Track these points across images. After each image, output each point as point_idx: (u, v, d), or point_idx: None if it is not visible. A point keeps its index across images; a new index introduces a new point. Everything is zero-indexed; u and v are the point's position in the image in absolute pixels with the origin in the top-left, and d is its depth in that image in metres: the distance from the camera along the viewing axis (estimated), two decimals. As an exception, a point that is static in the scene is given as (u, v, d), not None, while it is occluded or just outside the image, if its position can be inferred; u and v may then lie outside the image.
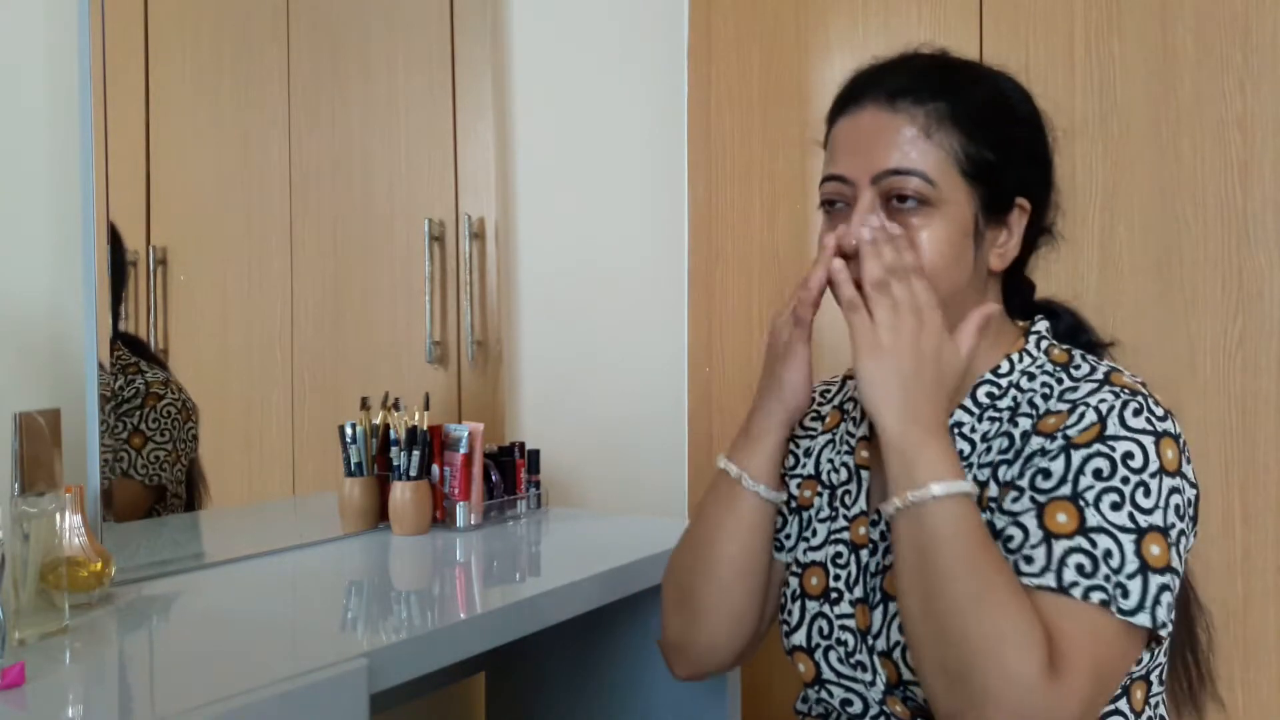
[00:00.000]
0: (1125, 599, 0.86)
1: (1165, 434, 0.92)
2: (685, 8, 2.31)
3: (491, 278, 1.90)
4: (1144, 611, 0.87)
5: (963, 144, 0.98)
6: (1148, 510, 0.89)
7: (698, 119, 2.31)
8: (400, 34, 1.81)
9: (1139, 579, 0.87)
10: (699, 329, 2.32)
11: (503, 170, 1.94)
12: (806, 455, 1.14)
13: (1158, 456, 0.90)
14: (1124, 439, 0.91)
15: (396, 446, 1.56)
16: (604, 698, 1.61)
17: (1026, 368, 1.01)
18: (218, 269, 1.52)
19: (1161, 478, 0.90)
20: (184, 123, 1.47)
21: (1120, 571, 0.87)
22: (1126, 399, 0.93)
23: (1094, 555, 0.87)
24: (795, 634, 1.05)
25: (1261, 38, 1.76)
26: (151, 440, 1.38)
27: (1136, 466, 0.90)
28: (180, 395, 1.42)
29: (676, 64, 2.31)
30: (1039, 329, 1.04)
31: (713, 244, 2.31)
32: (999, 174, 0.99)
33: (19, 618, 1.03)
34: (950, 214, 0.97)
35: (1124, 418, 0.92)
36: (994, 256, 1.02)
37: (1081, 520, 0.88)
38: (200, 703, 0.85)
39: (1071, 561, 0.87)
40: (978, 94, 1.01)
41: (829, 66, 2.16)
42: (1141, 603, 0.87)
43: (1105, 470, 0.90)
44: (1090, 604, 0.86)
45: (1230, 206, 1.77)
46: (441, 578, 1.42)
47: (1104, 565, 0.87)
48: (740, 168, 2.28)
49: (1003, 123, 1.01)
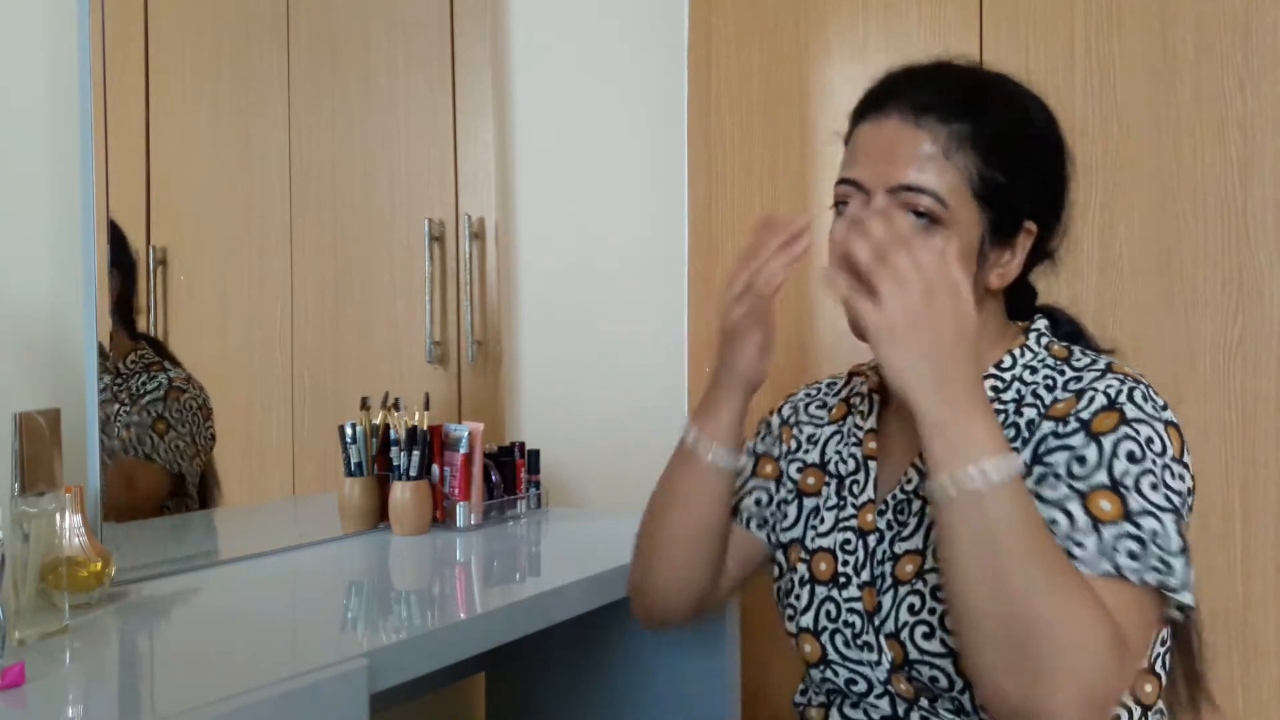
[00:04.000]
0: (1174, 577, 0.90)
1: (1170, 422, 0.96)
2: (685, 8, 2.31)
3: (491, 278, 1.90)
4: (1187, 590, 0.91)
5: (979, 167, 0.98)
6: (1179, 492, 0.93)
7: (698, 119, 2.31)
8: (400, 34, 1.81)
9: (1182, 558, 0.91)
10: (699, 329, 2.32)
11: (503, 170, 1.94)
12: (811, 442, 1.17)
13: (1172, 442, 0.95)
14: (1144, 423, 0.94)
15: (396, 446, 1.56)
16: (604, 698, 1.61)
17: (1029, 362, 1.03)
18: (218, 269, 1.52)
19: (1178, 464, 0.94)
20: (184, 123, 1.47)
21: (1168, 550, 0.90)
22: (1132, 385, 0.96)
23: (1142, 538, 0.90)
24: (803, 616, 1.07)
25: (1261, 38, 1.76)
26: (173, 429, 1.41)
27: (1158, 450, 0.93)
28: (201, 393, 1.44)
29: (676, 64, 2.31)
30: (1038, 327, 1.07)
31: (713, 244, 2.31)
32: (1010, 197, 1.00)
33: (19, 618, 1.03)
34: (957, 234, 0.98)
35: (1136, 402, 0.95)
36: (994, 276, 1.02)
37: (1125, 506, 0.90)
38: (200, 703, 0.84)
39: (1123, 547, 0.89)
40: (1002, 117, 1.01)
41: (829, 66, 2.16)
42: (1185, 580, 0.91)
43: (1137, 453, 0.92)
44: (1147, 586, 0.89)
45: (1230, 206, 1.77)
46: (441, 578, 1.42)
47: (1153, 546, 0.90)
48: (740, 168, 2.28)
49: (1022, 147, 1.01)
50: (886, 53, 2.06)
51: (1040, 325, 1.07)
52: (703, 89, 2.31)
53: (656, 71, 2.28)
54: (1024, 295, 1.11)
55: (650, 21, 2.27)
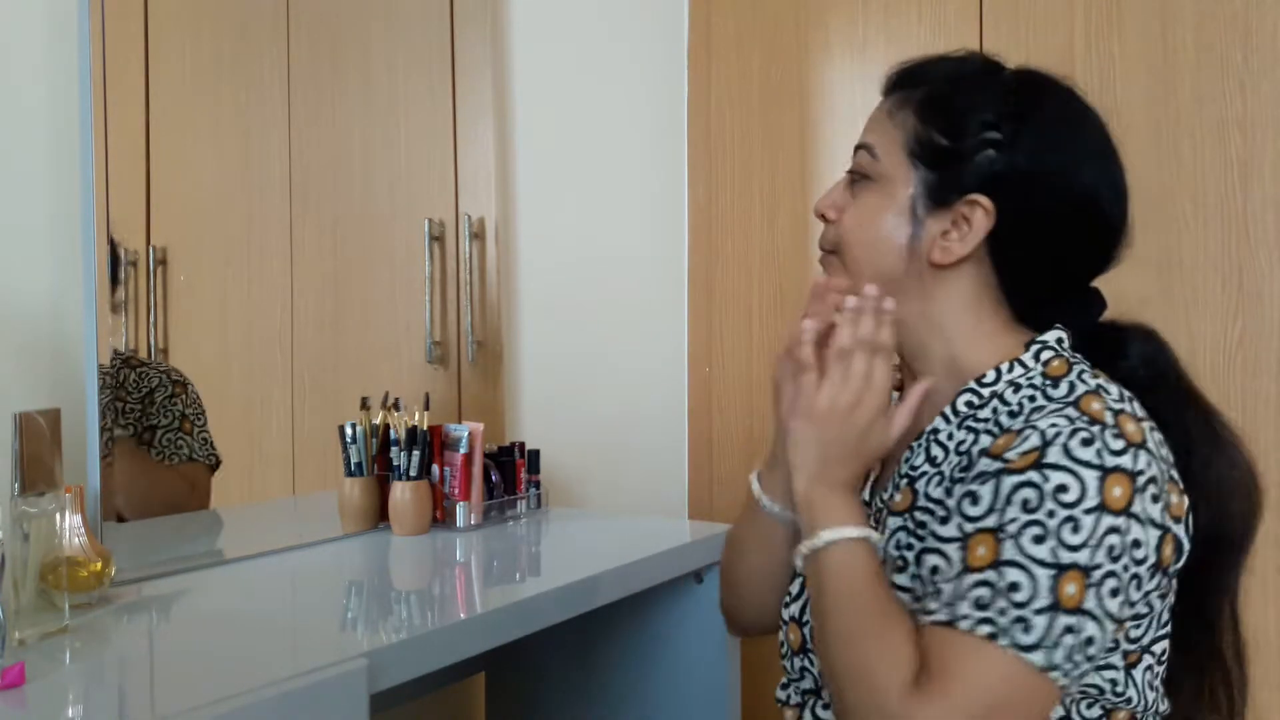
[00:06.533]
0: (1025, 634, 0.84)
1: (1117, 469, 0.86)
2: (685, 8, 2.31)
3: (491, 278, 1.90)
4: (1040, 650, 0.84)
5: (915, 126, 1.00)
6: (1073, 547, 0.85)
7: (698, 119, 2.31)
8: (400, 34, 1.81)
9: (1046, 616, 0.84)
10: (699, 329, 2.32)
11: (503, 170, 1.94)
12: None
13: (1099, 493, 0.85)
14: (1061, 469, 0.86)
15: (396, 446, 1.56)
16: (604, 698, 1.61)
17: (1015, 378, 0.98)
18: (218, 269, 1.52)
19: (1100, 515, 0.85)
20: (184, 123, 1.47)
21: (1027, 605, 0.84)
22: (1080, 427, 0.88)
23: (998, 588, 0.85)
24: (793, 605, 1.08)
25: (1261, 38, 1.76)
26: (195, 423, 1.44)
27: (1068, 500, 0.85)
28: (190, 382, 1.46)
29: (676, 64, 2.31)
30: (1046, 338, 1.00)
31: (713, 244, 2.31)
32: (949, 161, 0.98)
33: (19, 618, 1.03)
34: (886, 190, 1.00)
35: (1069, 447, 0.87)
36: (936, 249, 0.98)
37: (998, 554, 0.86)
38: (200, 703, 0.85)
39: (972, 595, 0.86)
40: (946, 80, 1.01)
41: (829, 66, 2.16)
42: (1041, 641, 0.84)
43: (1033, 501, 0.86)
44: (975, 635, 0.84)
45: (1230, 206, 1.77)
46: (441, 578, 1.42)
47: (1005, 598, 0.84)
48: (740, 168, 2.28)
49: (967, 113, 0.99)
50: (886, 53, 2.07)
51: (1049, 337, 0.99)
52: (703, 89, 2.31)
53: (656, 71, 2.28)
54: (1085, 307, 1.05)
55: (650, 21, 2.27)
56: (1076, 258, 1.02)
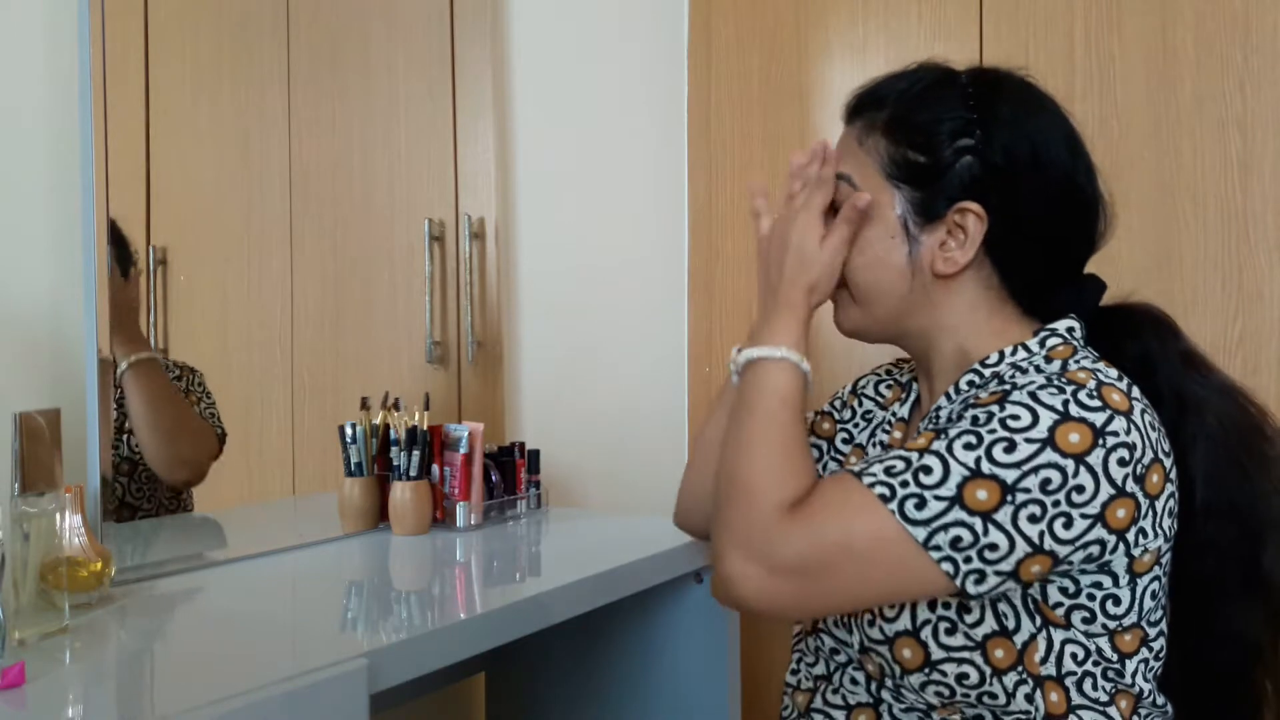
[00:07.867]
0: (917, 510, 0.88)
1: (1081, 420, 0.88)
2: (685, 8, 2.31)
3: (491, 278, 1.90)
4: (923, 527, 0.87)
5: (888, 149, 1.03)
6: (999, 463, 0.87)
7: (698, 119, 2.31)
8: (400, 34, 1.81)
9: (944, 504, 0.87)
10: (699, 329, 2.32)
11: (503, 170, 1.94)
12: (865, 419, 1.20)
13: (1049, 431, 0.88)
14: (1019, 405, 0.90)
15: (396, 446, 1.56)
16: (604, 698, 1.61)
17: (1017, 361, 1.00)
18: (218, 269, 1.52)
19: (1043, 449, 0.87)
20: (184, 123, 1.47)
21: (929, 489, 0.88)
22: (1056, 385, 0.91)
23: (911, 464, 0.90)
24: None
25: (1261, 38, 1.76)
26: (202, 401, 1.47)
27: (1014, 426, 0.88)
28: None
29: (676, 64, 2.31)
30: (1056, 327, 1.01)
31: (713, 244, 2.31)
32: (931, 176, 1.00)
33: (19, 618, 1.03)
34: (874, 215, 1.03)
35: (1035, 393, 0.90)
36: (939, 260, 1.01)
37: (928, 446, 0.90)
38: (200, 703, 0.85)
39: (886, 463, 0.91)
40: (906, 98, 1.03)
41: (829, 66, 2.16)
42: (928, 520, 0.87)
43: (981, 419, 0.90)
44: (869, 491, 0.89)
45: (1230, 206, 1.77)
46: (441, 578, 1.42)
47: (912, 476, 0.89)
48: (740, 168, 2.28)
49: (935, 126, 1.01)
50: (886, 53, 2.07)
51: (1059, 325, 1.01)
52: (703, 89, 2.31)
53: (657, 71, 2.28)
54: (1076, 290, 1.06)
55: (650, 22, 2.27)
56: (1067, 238, 1.05)
